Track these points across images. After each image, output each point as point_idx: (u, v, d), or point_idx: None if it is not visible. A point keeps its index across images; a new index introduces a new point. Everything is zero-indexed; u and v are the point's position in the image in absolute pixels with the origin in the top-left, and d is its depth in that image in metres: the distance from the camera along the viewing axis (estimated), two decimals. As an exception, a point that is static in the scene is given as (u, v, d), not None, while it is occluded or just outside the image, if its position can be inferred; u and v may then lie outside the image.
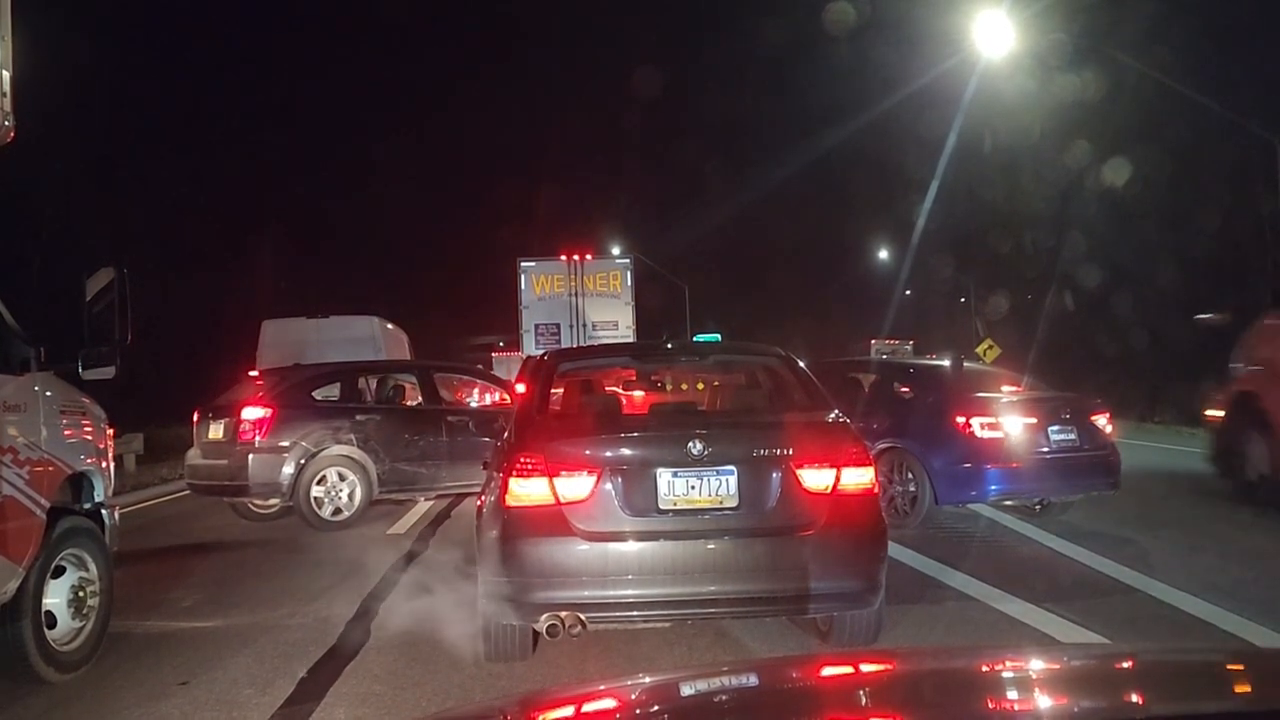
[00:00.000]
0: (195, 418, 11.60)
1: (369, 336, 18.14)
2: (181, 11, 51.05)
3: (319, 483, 10.59)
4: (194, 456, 11.43)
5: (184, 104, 45.70)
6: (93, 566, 5.86)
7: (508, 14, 75.93)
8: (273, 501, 11.02)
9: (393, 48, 68.29)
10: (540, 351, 14.52)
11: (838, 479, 5.33)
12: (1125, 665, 2.53)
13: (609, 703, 2.29)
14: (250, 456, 10.48)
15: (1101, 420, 10.13)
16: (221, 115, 50.79)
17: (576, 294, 22.91)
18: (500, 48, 77.66)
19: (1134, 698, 2.22)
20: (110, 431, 6.51)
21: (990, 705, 2.18)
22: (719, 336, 35.81)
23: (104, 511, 6.20)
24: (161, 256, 30.85)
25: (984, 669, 2.51)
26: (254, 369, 14.22)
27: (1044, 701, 2.17)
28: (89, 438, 6.11)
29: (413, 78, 70.16)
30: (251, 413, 10.68)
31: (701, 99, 69.94)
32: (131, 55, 39.29)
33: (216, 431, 11.02)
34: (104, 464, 6.31)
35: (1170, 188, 29.96)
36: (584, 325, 22.76)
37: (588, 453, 5.26)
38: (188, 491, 12.35)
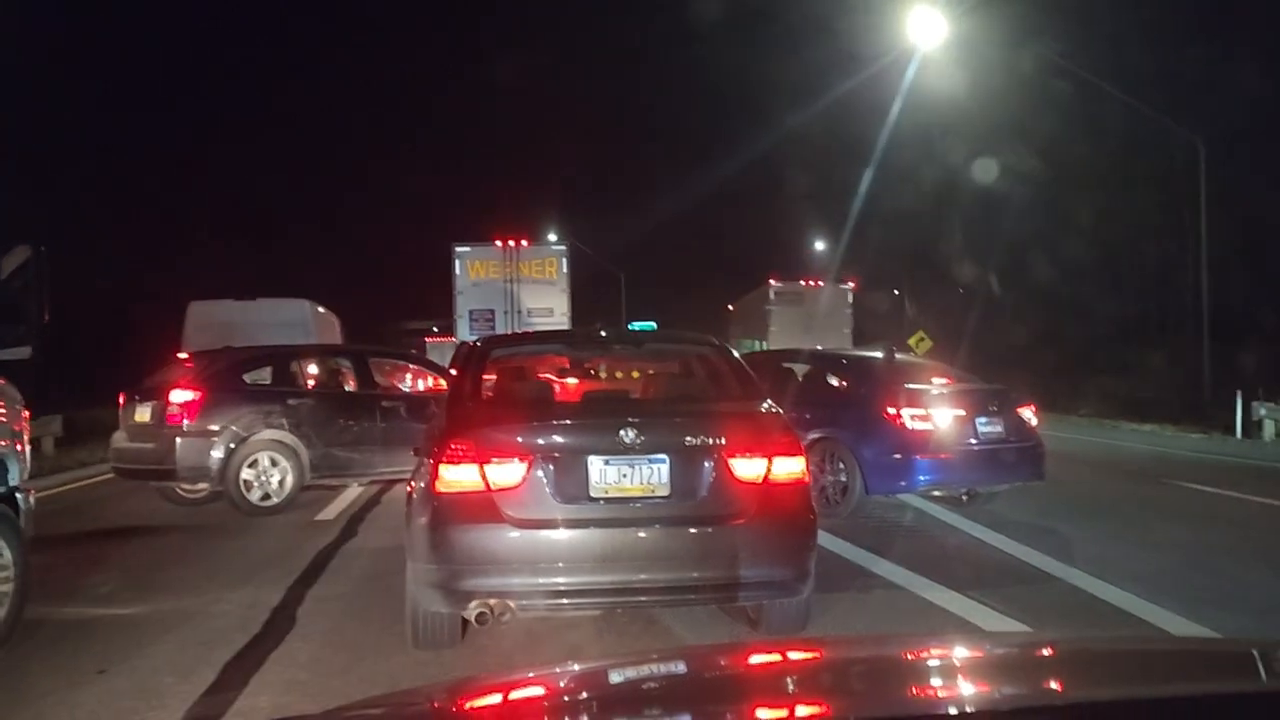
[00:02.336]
0: (121, 400, 11.35)
1: (300, 320, 17.88)
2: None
3: (250, 466, 10.41)
4: (120, 439, 11.18)
5: (109, 82, 44.64)
6: (6, 552, 5.71)
7: (445, 7, 75.19)
8: (201, 486, 10.81)
9: (328, 28, 67.28)
10: (474, 337, 14.43)
11: (769, 468, 5.36)
12: (1046, 653, 2.58)
13: (537, 690, 2.28)
14: (178, 440, 10.27)
15: (1028, 412, 10.31)
16: (148, 91, 49.73)
17: (511, 280, 22.81)
18: (442, 35, 76.83)
19: (1053, 684, 2.26)
20: (25, 413, 6.34)
21: (915, 691, 2.20)
22: (654, 325, 35.94)
23: (19, 495, 6.04)
24: (81, 234, 30.16)
25: (909, 656, 2.54)
26: (180, 351, 13.96)
27: (967, 688, 2.20)
28: (2, 419, 5.95)
29: (346, 57, 69.23)
30: (180, 395, 10.47)
31: (639, 89, 69.98)
32: (59, 30, 38.28)
33: (143, 414, 10.79)
34: (19, 446, 6.14)
35: (1100, 185, 30.62)
36: (519, 311, 22.68)
37: (519, 440, 5.23)
38: (109, 475, 12.08)
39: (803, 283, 27.30)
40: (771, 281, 27.14)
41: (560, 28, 71.82)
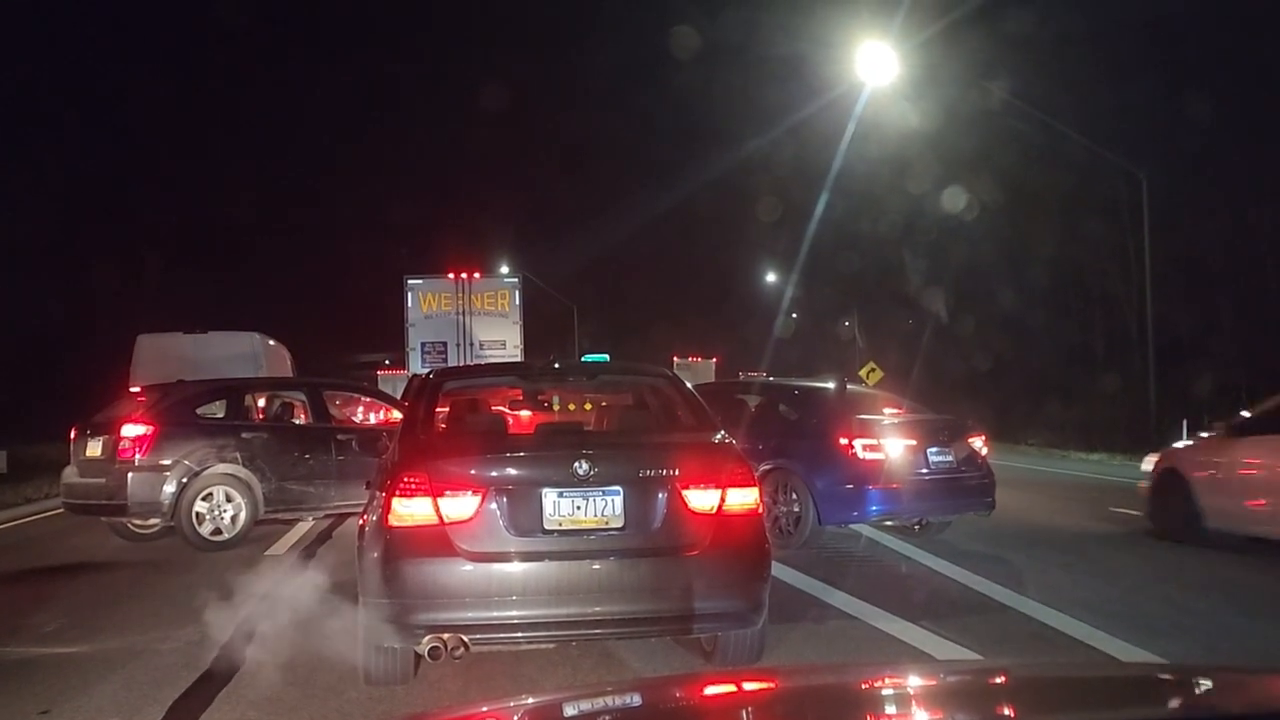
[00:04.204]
0: (73, 435, 11.19)
1: (250, 353, 17.70)
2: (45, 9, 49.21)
3: (204, 499, 10.28)
4: (70, 475, 11.00)
5: (58, 109, 44.12)
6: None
7: (395, 36, 75.07)
8: (153, 521, 10.65)
9: (278, 61, 66.98)
10: (426, 370, 14.37)
11: (723, 499, 5.38)
12: (998, 681, 2.61)
13: (491, 724, 2.27)
14: (130, 475, 10.11)
15: (978, 443, 10.41)
16: (95, 121, 49.21)
17: (464, 312, 22.79)
18: (394, 66, 76.74)
19: (1006, 711, 2.28)
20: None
21: (869, 721, 2.22)
22: (607, 357, 35.99)
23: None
24: (25, 268, 29.69)
25: (863, 686, 2.56)
26: (129, 385, 13.72)
27: (920, 716, 2.22)
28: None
29: (299, 90, 68.93)
30: (132, 430, 10.32)
31: (594, 121, 70.24)
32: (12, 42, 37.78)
33: (95, 449, 10.63)
34: None
35: (1049, 214, 31.09)
36: (471, 344, 22.64)
37: (472, 472, 5.21)
38: (58, 511, 11.89)
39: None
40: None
41: (515, 61, 72.02)
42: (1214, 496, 9.75)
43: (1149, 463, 11.35)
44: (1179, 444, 11.72)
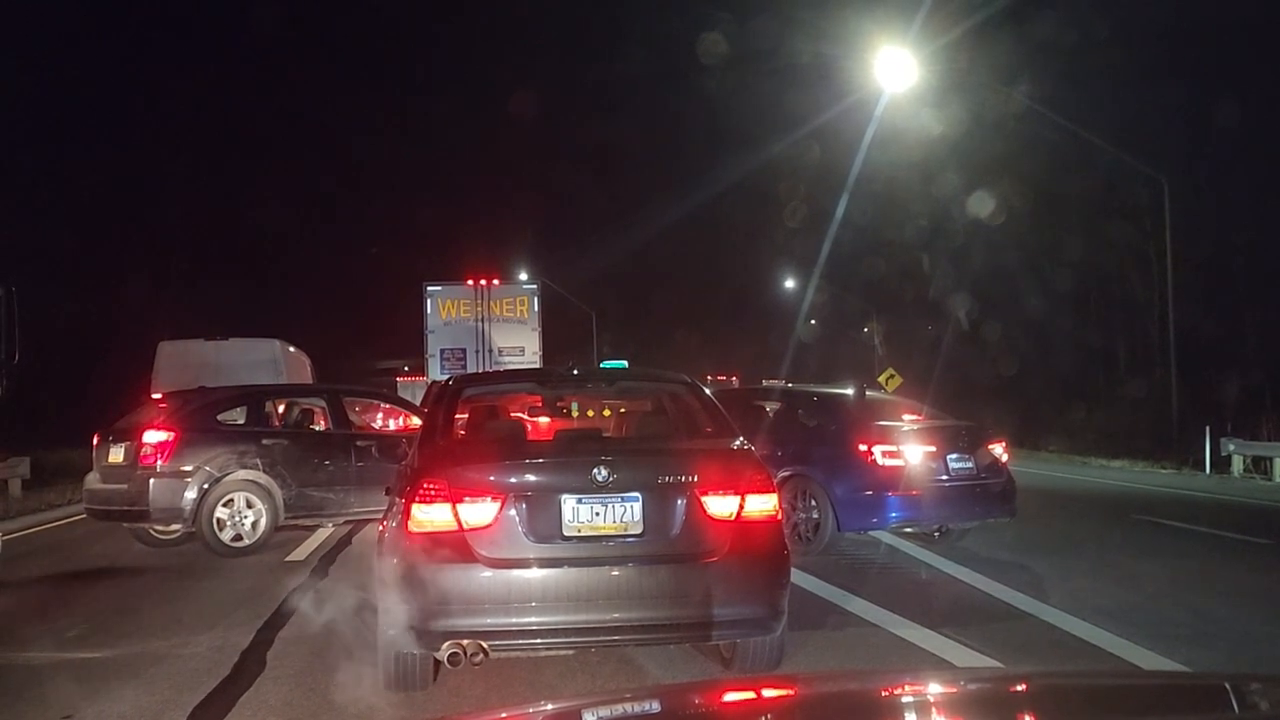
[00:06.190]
0: (95, 441, 11.26)
1: (270, 360, 17.79)
2: (72, 18, 49.56)
3: (225, 505, 10.33)
4: (93, 480, 11.08)
5: (76, 114, 44.41)
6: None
7: (418, 43, 75.39)
8: (174, 527, 10.71)
9: (297, 68, 67.28)
10: (445, 376, 14.39)
11: (742, 506, 5.37)
12: (1019, 688, 2.59)
13: (511, 730, 2.28)
14: (151, 481, 10.18)
15: (998, 449, 10.36)
16: (119, 127, 49.54)
17: (482, 319, 22.86)
18: (414, 71, 76.97)
19: (1026, 719, 2.28)
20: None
21: (888, 728, 2.21)
22: (625, 363, 36.03)
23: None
24: (49, 274, 29.89)
25: (883, 693, 2.55)
26: (150, 392, 13.79)
27: (940, 724, 2.21)
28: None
29: (316, 99, 69.26)
30: (154, 436, 10.38)
31: (611, 127, 70.27)
32: (24, 60, 38.09)
33: (117, 455, 10.70)
34: None
35: (1065, 224, 30.96)
36: (490, 350, 22.70)
37: (492, 478, 5.22)
38: (80, 517, 11.95)
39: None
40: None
41: (537, 67, 72.17)
42: None
43: None
44: None
